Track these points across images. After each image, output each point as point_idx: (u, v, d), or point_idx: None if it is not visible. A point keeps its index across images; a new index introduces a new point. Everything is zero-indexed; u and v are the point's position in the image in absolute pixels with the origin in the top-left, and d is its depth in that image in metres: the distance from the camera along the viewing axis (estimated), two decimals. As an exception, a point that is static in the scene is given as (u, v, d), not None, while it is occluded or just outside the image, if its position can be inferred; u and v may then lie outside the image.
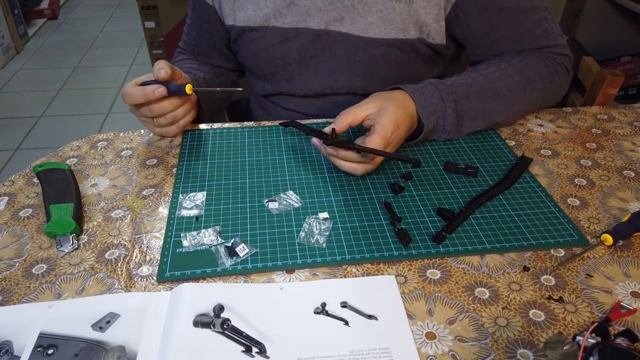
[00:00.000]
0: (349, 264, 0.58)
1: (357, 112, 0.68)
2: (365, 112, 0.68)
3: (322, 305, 0.52)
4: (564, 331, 0.50)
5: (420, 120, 0.73)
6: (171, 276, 0.56)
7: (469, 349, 0.48)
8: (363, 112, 0.68)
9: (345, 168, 0.68)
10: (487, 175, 0.72)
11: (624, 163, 0.75)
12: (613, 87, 0.96)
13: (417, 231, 0.62)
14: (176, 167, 0.74)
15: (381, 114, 0.67)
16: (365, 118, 0.69)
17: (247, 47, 0.87)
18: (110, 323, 0.51)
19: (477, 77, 0.77)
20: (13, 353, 0.48)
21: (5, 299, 0.54)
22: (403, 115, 0.69)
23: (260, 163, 0.75)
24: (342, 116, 0.68)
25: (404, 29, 0.79)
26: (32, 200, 0.68)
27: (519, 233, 0.61)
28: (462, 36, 0.84)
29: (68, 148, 0.80)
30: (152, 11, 2.22)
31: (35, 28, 3.55)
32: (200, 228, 0.62)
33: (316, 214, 0.64)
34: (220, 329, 0.50)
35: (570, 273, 0.56)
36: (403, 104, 0.70)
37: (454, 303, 0.53)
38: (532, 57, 0.81)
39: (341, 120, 0.68)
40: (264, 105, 0.98)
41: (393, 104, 0.68)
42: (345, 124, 0.67)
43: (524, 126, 0.84)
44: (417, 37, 0.80)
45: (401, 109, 0.68)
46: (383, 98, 0.70)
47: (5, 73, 2.98)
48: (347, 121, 0.67)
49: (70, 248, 0.60)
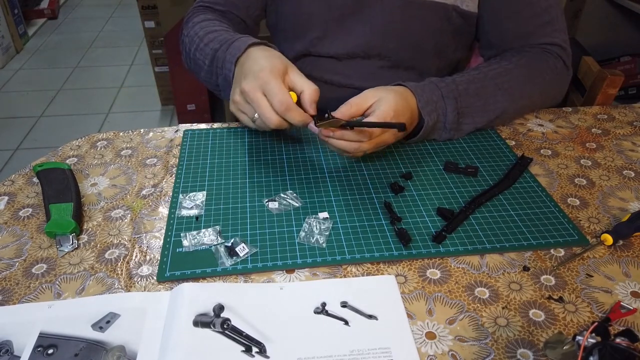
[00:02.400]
0: (349, 264, 0.58)
1: (360, 102, 0.67)
2: (368, 101, 0.67)
3: (322, 305, 0.52)
4: (564, 331, 0.50)
5: (421, 118, 0.73)
6: (171, 276, 0.56)
7: (469, 349, 0.48)
8: (366, 102, 0.67)
9: (342, 146, 0.65)
10: (487, 175, 0.72)
11: (624, 163, 0.75)
12: (613, 87, 0.96)
13: (417, 231, 0.62)
14: (176, 167, 0.74)
15: (381, 102, 0.66)
16: (368, 108, 0.67)
17: (287, 1, 0.87)
18: (110, 323, 0.51)
19: (477, 75, 0.78)
20: (13, 353, 0.48)
21: (5, 298, 0.54)
22: (404, 106, 0.68)
23: (260, 163, 0.75)
24: (344, 106, 0.66)
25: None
26: (32, 200, 0.68)
27: (519, 233, 0.61)
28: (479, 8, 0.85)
29: (68, 148, 0.80)
30: (152, 11, 2.22)
31: (35, 28, 3.55)
32: (200, 228, 0.62)
33: (316, 214, 0.64)
34: (220, 329, 0.50)
35: (570, 273, 0.56)
36: (404, 96, 0.70)
37: (454, 303, 0.53)
38: (533, 54, 0.82)
39: (344, 109, 0.66)
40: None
41: (394, 95, 0.68)
42: (348, 114, 0.66)
43: (524, 126, 0.84)
44: (452, 3, 0.82)
45: (402, 100, 0.68)
46: (384, 89, 0.70)
47: (5, 73, 2.98)
48: (351, 111, 0.66)
49: (70, 248, 0.60)
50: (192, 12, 0.89)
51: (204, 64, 0.79)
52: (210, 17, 0.86)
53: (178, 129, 0.83)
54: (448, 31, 0.86)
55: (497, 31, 0.85)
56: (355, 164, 0.74)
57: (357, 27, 0.86)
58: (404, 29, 0.84)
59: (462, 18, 0.84)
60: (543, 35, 0.83)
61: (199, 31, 0.81)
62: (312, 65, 0.92)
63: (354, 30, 0.86)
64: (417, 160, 0.75)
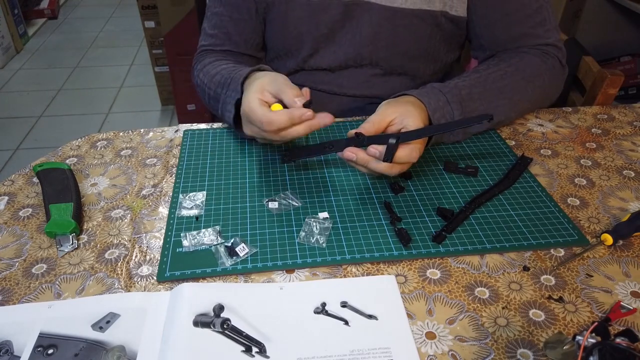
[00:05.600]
0: (349, 264, 0.58)
1: (381, 120, 0.66)
2: (389, 117, 0.67)
3: (322, 305, 0.52)
4: (564, 331, 0.50)
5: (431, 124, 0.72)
6: (171, 276, 0.56)
7: (469, 349, 0.48)
8: (387, 118, 0.66)
9: (381, 169, 0.63)
10: (487, 175, 0.72)
11: (624, 163, 0.75)
12: (613, 87, 0.96)
13: (417, 231, 0.62)
14: (176, 167, 0.74)
15: (407, 116, 0.66)
16: (389, 124, 0.67)
17: (275, 22, 0.87)
18: (110, 323, 0.51)
19: (479, 79, 0.77)
20: (13, 353, 0.48)
21: (5, 298, 0.54)
22: (424, 117, 0.68)
23: (260, 163, 0.75)
24: (366, 124, 0.66)
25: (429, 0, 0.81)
26: (32, 200, 0.68)
27: (519, 233, 0.61)
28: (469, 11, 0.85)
29: (68, 148, 0.80)
30: (152, 11, 2.22)
31: (35, 28, 3.55)
32: (200, 228, 0.62)
33: (316, 214, 0.64)
34: (220, 329, 0.50)
35: (570, 273, 0.56)
36: (420, 107, 0.69)
37: (454, 303, 0.53)
38: (529, 55, 0.82)
39: (367, 127, 0.65)
40: None
41: (413, 108, 0.68)
42: (372, 131, 0.65)
43: (524, 126, 0.84)
44: (440, 10, 0.82)
45: (421, 112, 0.68)
46: (399, 102, 0.70)
47: (5, 73, 2.98)
48: (374, 128, 0.65)
49: (70, 248, 0.60)
50: (197, 59, 0.91)
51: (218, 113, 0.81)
52: (211, 59, 0.86)
53: (178, 129, 0.83)
54: (438, 36, 0.85)
55: (489, 34, 0.85)
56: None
57: (346, 39, 0.86)
58: (392, 37, 0.84)
59: (451, 23, 0.84)
60: (537, 37, 0.83)
61: (204, 79, 0.83)
62: (306, 78, 0.92)
63: (343, 43, 0.86)
64: (417, 161, 0.75)
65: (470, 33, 0.88)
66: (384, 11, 0.82)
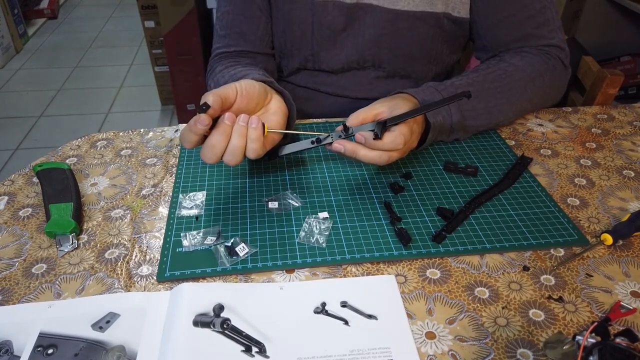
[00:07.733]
0: (349, 264, 0.58)
1: (367, 111, 0.66)
2: (376, 110, 0.66)
3: (322, 305, 0.52)
4: (564, 331, 0.50)
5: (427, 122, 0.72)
6: (171, 276, 0.56)
7: (468, 349, 0.48)
8: (374, 111, 0.66)
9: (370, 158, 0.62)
10: (487, 175, 0.72)
11: (624, 163, 0.75)
12: (613, 86, 0.96)
13: (417, 231, 0.62)
14: (176, 167, 0.74)
15: (395, 108, 0.66)
16: (376, 116, 0.66)
17: (278, 20, 0.87)
18: (110, 323, 0.51)
19: (477, 78, 0.77)
20: (13, 353, 0.48)
21: (5, 298, 0.54)
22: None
23: (260, 163, 0.74)
24: (352, 116, 0.66)
25: (431, 1, 0.81)
26: (32, 200, 0.68)
27: (519, 233, 0.61)
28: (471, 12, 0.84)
29: (68, 147, 0.80)
30: (152, 11, 2.22)
31: (35, 28, 3.55)
32: (200, 228, 0.62)
33: (316, 214, 0.64)
34: (220, 329, 0.50)
35: (570, 273, 0.56)
36: (412, 101, 0.70)
37: (453, 303, 0.53)
38: (531, 55, 0.82)
39: (353, 118, 0.65)
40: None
41: (403, 101, 0.68)
42: (357, 122, 0.65)
43: (524, 126, 0.84)
44: (443, 11, 0.82)
45: (411, 106, 0.68)
46: (390, 98, 0.70)
47: (5, 73, 2.98)
48: (360, 118, 0.65)
49: (70, 248, 0.60)
50: (211, 65, 0.89)
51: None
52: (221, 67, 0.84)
53: (178, 129, 0.83)
54: (440, 38, 0.85)
55: (492, 35, 0.85)
56: (355, 164, 0.74)
57: (348, 41, 0.86)
58: (395, 40, 0.84)
59: (454, 24, 0.84)
60: (540, 37, 0.83)
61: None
62: (309, 78, 0.93)
63: (345, 45, 0.86)
64: (417, 160, 0.75)
65: (473, 34, 0.88)
66: (387, 13, 0.82)
